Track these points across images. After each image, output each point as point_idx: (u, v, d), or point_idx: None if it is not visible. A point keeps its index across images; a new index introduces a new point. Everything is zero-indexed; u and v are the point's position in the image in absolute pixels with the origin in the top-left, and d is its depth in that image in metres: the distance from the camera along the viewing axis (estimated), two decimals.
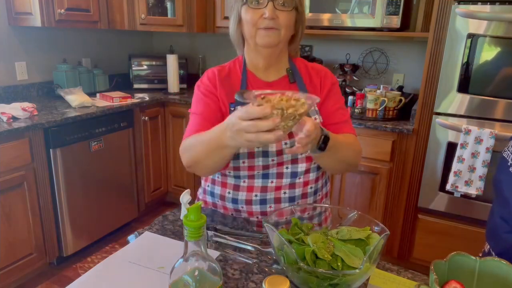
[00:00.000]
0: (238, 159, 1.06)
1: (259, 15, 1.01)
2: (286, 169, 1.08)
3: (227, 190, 1.12)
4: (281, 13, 1.01)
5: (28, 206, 2.10)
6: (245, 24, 1.05)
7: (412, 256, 2.34)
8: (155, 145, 2.95)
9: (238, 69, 1.13)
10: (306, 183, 1.11)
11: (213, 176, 1.15)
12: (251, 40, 1.06)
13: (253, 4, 1.02)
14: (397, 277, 0.85)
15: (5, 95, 2.52)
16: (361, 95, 2.39)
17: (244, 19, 1.04)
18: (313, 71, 1.16)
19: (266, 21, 1.00)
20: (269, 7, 1.00)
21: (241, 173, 1.08)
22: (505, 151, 1.01)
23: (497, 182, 1.01)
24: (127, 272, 0.84)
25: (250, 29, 1.04)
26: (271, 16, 1.00)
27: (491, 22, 1.85)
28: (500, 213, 0.97)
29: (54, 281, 2.25)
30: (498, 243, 0.96)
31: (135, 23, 2.87)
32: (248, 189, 1.09)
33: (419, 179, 2.20)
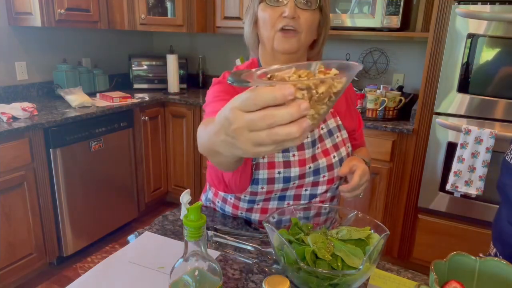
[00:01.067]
0: (257, 185, 0.97)
1: (278, 14, 0.91)
2: (305, 191, 1.02)
3: (239, 211, 1.07)
4: (303, 13, 0.91)
5: (28, 206, 2.10)
6: (261, 25, 0.95)
7: (412, 256, 2.34)
8: (155, 145, 2.95)
9: None
10: (322, 202, 1.06)
11: (225, 195, 1.08)
12: (268, 43, 0.96)
13: (272, 1, 0.91)
14: (397, 277, 0.85)
15: (5, 95, 2.52)
16: (361, 95, 2.39)
17: (261, 19, 0.95)
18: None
19: (286, 20, 0.90)
20: (290, 4, 0.89)
21: (257, 198, 1.01)
22: (507, 155, 1.01)
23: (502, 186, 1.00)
24: (127, 272, 0.84)
25: (267, 30, 0.94)
26: (291, 14, 0.89)
27: (491, 22, 1.85)
28: (508, 218, 0.96)
29: (54, 281, 2.25)
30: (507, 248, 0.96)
31: (135, 23, 2.87)
32: (261, 211, 1.04)
33: (419, 179, 2.20)
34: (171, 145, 3.02)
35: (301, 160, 0.98)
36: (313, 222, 1.02)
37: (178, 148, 2.99)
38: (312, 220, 1.03)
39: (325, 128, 1.04)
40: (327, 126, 1.04)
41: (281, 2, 0.91)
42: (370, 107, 2.30)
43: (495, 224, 1.04)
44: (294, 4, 0.90)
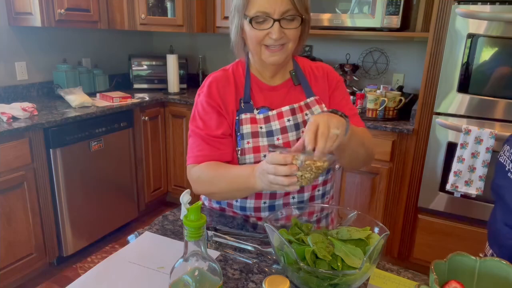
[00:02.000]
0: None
1: (264, 34, 0.95)
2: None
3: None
4: (288, 30, 0.96)
5: (28, 206, 2.10)
6: (249, 39, 1.00)
7: (412, 256, 2.34)
8: (155, 145, 2.95)
9: (242, 73, 1.09)
10: (315, 186, 1.09)
11: None
12: (255, 55, 1.02)
13: (257, 25, 0.95)
14: (397, 277, 0.85)
15: (5, 95, 2.52)
16: (361, 95, 2.39)
17: (247, 34, 0.99)
18: (318, 71, 1.14)
19: (272, 40, 0.95)
20: (275, 27, 0.93)
21: None
22: (501, 156, 1.01)
23: (496, 188, 1.00)
24: (127, 272, 0.84)
25: (254, 46, 0.99)
26: (278, 37, 0.94)
27: (491, 22, 1.85)
28: (504, 219, 0.96)
29: (54, 281, 2.25)
30: (503, 250, 0.96)
31: (135, 23, 2.87)
32: (256, 196, 1.06)
33: (419, 179, 2.20)
34: (171, 145, 3.02)
35: (286, 142, 1.03)
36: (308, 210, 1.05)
37: (178, 148, 2.99)
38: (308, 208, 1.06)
39: (310, 114, 1.07)
40: (312, 112, 1.07)
41: (267, 23, 0.94)
42: (370, 107, 2.30)
43: (490, 226, 1.04)
44: (279, 26, 0.94)
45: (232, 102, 1.05)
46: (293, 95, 1.09)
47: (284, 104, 1.06)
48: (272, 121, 1.04)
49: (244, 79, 1.08)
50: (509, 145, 1.00)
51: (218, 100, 1.04)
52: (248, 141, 1.02)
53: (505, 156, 0.98)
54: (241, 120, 1.03)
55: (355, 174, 2.34)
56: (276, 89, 1.09)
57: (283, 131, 1.03)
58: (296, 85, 1.10)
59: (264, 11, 0.93)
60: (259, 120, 1.04)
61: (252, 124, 1.03)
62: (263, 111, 1.05)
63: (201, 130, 1.04)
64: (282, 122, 1.04)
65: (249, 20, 0.95)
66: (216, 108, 1.04)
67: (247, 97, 1.05)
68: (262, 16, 0.94)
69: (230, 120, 1.05)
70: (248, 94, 1.06)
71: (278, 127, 1.04)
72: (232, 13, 1.01)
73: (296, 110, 1.06)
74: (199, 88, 1.11)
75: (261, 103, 1.07)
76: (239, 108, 1.05)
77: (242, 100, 1.05)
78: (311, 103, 1.08)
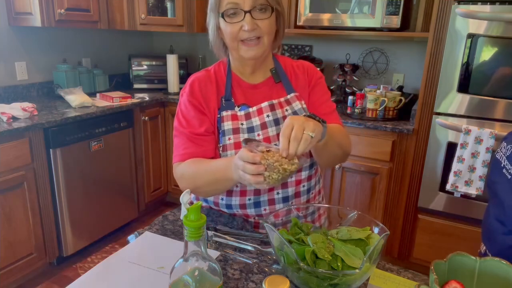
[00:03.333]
0: None
1: (239, 28, 0.98)
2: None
3: (220, 196, 1.11)
4: (261, 21, 0.98)
5: (28, 206, 2.10)
6: (225, 36, 1.02)
7: (412, 256, 2.34)
8: (155, 145, 2.95)
9: (223, 72, 1.12)
10: (299, 181, 1.09)
11: None
12: (234, 51, 1.04)
13: (230, 18, 0.98)
14: (397, 277, 0.85)
15: (5, 95, 2.52)
16: (361, 95, 2.39)
17: (223, 31, 1.02)
18: (298, 69, 1.16)
19: (247, 33, 0.98)
20: (247, 19, 0.96)
21: None
22: (497, 153, 1.01)
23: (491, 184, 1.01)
24: (127, 272, 0.84)
25: (231, 42, 1.01)
26: (251, 28, 0.96)
27: (491, 22, 1.85)
28: (496, 214, 0.97)
29: (54, 281, 2.25)
30: (494, 245, 0.96)
31: (135, 23, 2.87)
32: (241, 193, 1.08)
33: (419, 179, 2.20)
34: (171, 145, 3.02)
35: (265, 138, 1.05)
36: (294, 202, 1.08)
37: None
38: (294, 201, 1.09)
39: (290, 110, 1.09)
40: (292, 108, 1.09)
41: (239, 16, 0.97)
42: (370, 107, 2.30)
43: (484, 221, 1.04)
44: (250, 17, 0.96)
45: (213, 100, 1.07)
46: (274, 93, 1.11)
47: (264, 100, 1.09)
48: (252, 117, 1.07)
49: (226, 78, 1.10)
50: (506, 142, 1.00)
51: (200, 98, 1.07)
52: (229, 137, 1.05)
53: (501, 152, 0.99)
54: (223, 117, 1.06)
55: (355, 174, 2.34)
56: (257, 87, 1.11)
57: (263, 127, 1.06)
58: (276, 83, 1.12)
59: (234, 2, 0.96)
60: (240, 116, 1.06)
61: (233, 121, 1.06)
62: (243, 108, 1.08)
63: (185, 129, 1.06)
64: (262, 118, 1.06)
65: (222, 15, 0.98)
66: (198, 107, 1.07)
67: (228, 95, 1.08)
68: (233, 8, 0.97)
69: (212, 118, 1.07)
70: (229, 92, 1.08)
71: (258, 123, 1.06)
72: (208, 15, 1.06)
73: (276, 106, 1.08)
74: (181, 89, 1.14)
75: (242, 100, 1.09)
76: (220, 106, 1.07)
77: (223, 98, 1.08)
78: (291, 99, 1.10)
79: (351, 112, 2.39)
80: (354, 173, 2.34)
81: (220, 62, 1.15)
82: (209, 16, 1.05)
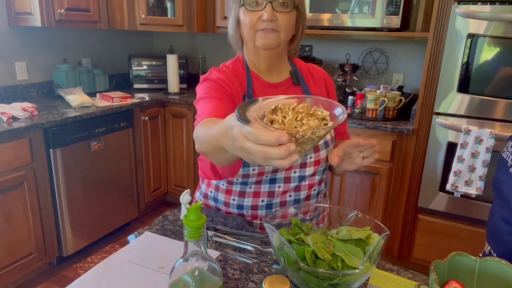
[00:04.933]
0: (248, 167, 1.03)
1: (258, 17, 0.99)
2: (294, 173, 1.07)
3: (231, 197, 1.10)
4: (280, 15, 0.98)
5: (28, 206, 2.10)
6: (243, 26, 1.03)
7: (412, 256, 2.34)
8: (155, 145, 2.95)
9: (242, 69, 1.11)
10: (311, 185, 1.10)
11: (217, 183, 1.13)
12: (250, 42, 1.04)
13: (251, 6, 0.99)
14: (397, 277, 0.85)
15: (5, 95, 2.52)
16: (361, 95, 2.39)
17: (242, 21, 1.02)
18: (315, 72, 1.17)
19: (265, 23, 0.98)
20: (267, 9, 0.97)
21: (249, 180, 1.06)
22: (504, 152, 1.01)
23: (497, 183, 1.01)
24: (127, 272, 0.84)
25: (248, 32, 1.02)
26: (270, 18, 0.97)
27: (491, 22, 1.85)
28: (501, 214, 0.96)
29: (54, 281, 2.25)
30: (499, 245, 0.96)
31: (135, 23, 2.87)
32: (254, 194, 1.08)
33: (419, 179, 2.20)
34: (171, 145, 3.02)
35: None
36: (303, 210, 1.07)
37: (178, 148, 2.99)
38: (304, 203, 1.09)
39: None
40: None
41: (260, 5, 0.98)
42: (370, 107, 2.30)
43: (488, 221, 1.04)
44: (271, 8, 0.97)
45: (237, 95, 1.06)
46: (293, 94, 1.11)
47: None
48: None
49: (246, 75, 1.10)
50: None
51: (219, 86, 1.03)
52: None
53: (508, 152, 0.98)
54: None
55: (355, 174, 2.34)
56: (276, 86, 1.11)
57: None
58: (295, 85, 1.12)
59: None
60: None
61: None
62: None
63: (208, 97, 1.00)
64: None
65: (243, 3, 0.99)
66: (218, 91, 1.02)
67: (250, 92, 1.07)
68: None
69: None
70: (251, 90, 1.08)
71: None
72: (231, 7, 1.06)
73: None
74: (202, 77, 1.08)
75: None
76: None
77: (246, 96, 1.07)
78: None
79: (351, 112, 2.39)
80: (354, 173, 2.34)
81: (236, 59, 1.14)
82: (231, 7, 1.06)
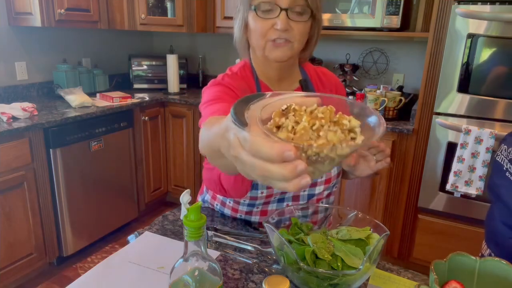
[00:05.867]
0: (256, 190, 0.97)
1: (270, 25, 0.87)
2: (303, 192, 1.04)
3: (238, 214, 1.07)
4: (295, 24, 0.87)
5: (28, 206, 2.10)
6: (252, 33, 0.92)
7: (412, 256, 2.34)
8: (155, 145, 2.95)
9: (251, 78, 1.02)
10: (319, 199, 1.08)
11: (224, 199, 1.08)
12: (259, 51, 0.93)
13: (263, 13, 0.87)
14: (397, 277, 0.85)
15: (5, 95, 2.52)
16: (361, 95, 2.39)
17: (251, 28, 0.91)
18: (324, 77, 1.09)
19: (278, 32, 0.87)
20: (281, 17, 0.85)
21: (257, 202, 1.01)
22: (498, 155, 1.01)
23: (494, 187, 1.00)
24: (127, 272, 0.84)
25: (258, 40, 0.91)
26: (284, 27, 0.86)
27: (491, 22, 1.85)
28: (502, 218, 0.96)
29: (54, 281, 2.25)
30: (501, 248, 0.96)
31: (135, 23, 2.87)
32: (261, 213, 1.04)
33: (419, 179, 2.20)
34: (171, 145, 3.02)
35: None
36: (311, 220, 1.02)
37: (178, 148, 2.99)
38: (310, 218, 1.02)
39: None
40: None
41: (273, 13, 0.87)
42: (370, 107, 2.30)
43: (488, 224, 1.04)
44: (286, 17, 0.86)
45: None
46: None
47: None
48: None
49: (255, 84, 1.02)
50: (506, 144, 1.00)
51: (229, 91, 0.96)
52: None
53: (502, 155, 0.98)
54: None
55: None
56: None
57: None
58: None
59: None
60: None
61: None
62: None
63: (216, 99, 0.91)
64: None
65: (254, 8, 0.87)
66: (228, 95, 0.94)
67: None
68: (269, 2, 0.86)
69: None
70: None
71: None
72: (238, 7, 0.95)
73: None
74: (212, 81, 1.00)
75: None
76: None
77: None
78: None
79: None
80: None
81: (243, 65, 1.04)
82: (238, 8, 0.94)
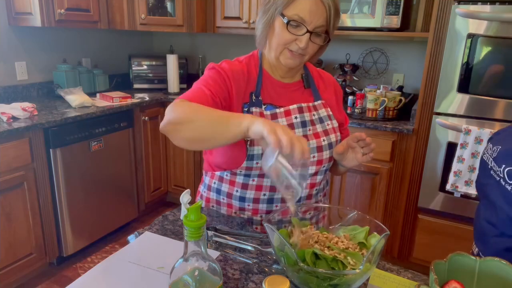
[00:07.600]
0: (252, 160, 1.05)
1: (293, 38, 0.99)
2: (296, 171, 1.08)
3: (235, 188, 1.11)
4: (312, 44, 1.01)
5: (28, 206, 2.10)
6: (274, 36, 1.03)
7: (412, 256, 2.34)
8: (155, 145, 2.95)
9: (254, 68, 1.12)
10: (313, 185, 1.12)
11: (221, 174, 1.14)
12: (273, 53, 1.05)
13: (290, 27, 0.99)
14: (397, 277, 0.85)
15: (5, 95, 2.52)
16: (361, 95, 2.39)
17: (276, 31, 1.02)
18: (325, 77, 1.20)
19: (297, 47, 1.00)
20: (305, 38, 0.98)
21: (252, 172, 1.07)
22: (484, 154, 1.01)
23: (481, 186, 1.01)
24: (127, 272, 0.84)
25: (277, 45, 1.03)
26: (305, 47, 0.99)
27: (491, 22, 1.85)
28: (487, 216, 0.96)
29: (54, 281, 2.25)
30: (487, 247, 0.96)
31: (135, 23, 2.87)
32: (256, 187, 1.09)
33: (419, 179, 2.20)
34: (171, 145, 3.02)
35: None
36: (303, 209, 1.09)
37: (178, 148, 2.99)
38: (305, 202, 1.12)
39: (317, 115, 1.12)
40: (318, 114, 1.13)
41: (299, 30, 0.98)
42: (370, 107, 2.30)
43: (475, 223, 1.04)
44: (308, 38, 0.98)
45: (241, 91, 1.07)
46: (302, 96, 1.14)
47: (292, 102, 1.11)
48: (279, 117, 1.07)
49: (257, 74, 1.11)
50: (492, 143, 1.00)
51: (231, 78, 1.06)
52: None
53: (488, 154, 0.98)
54: (252, 113, 1.06)
55: (355, 174, 2.34)
56: (287, 86, 1.13)
57: (290, 128, 1.06)
58: (306, 88, 1.15)
59: (303, 18, 0.97)
60: (266, 116, 1.07)
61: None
62: (269, 108, 1.08)
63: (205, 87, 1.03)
64: (289, 119, 1.08)
65: (287, 21, 0.98)
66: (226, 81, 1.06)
67: (258, 92, 1.08)
68: (299, 21, 0.97)
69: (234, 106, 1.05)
70: (259, 89, 1.09)
71: (286, 123, 1.07)
72: (270, 4, 1.02)
73: (304, 109, 1.11)
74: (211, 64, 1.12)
75: (269, 97, 1.10)
76: (250, 101, 1.07)
77: (253, 94, 1.08)
78: (318, 106, 1.14)
79: (351, 112, 2.39)
80: (354, 173, 2.34)
81: (250, 56, 1.15)
82: (269, 4, 1.02)
